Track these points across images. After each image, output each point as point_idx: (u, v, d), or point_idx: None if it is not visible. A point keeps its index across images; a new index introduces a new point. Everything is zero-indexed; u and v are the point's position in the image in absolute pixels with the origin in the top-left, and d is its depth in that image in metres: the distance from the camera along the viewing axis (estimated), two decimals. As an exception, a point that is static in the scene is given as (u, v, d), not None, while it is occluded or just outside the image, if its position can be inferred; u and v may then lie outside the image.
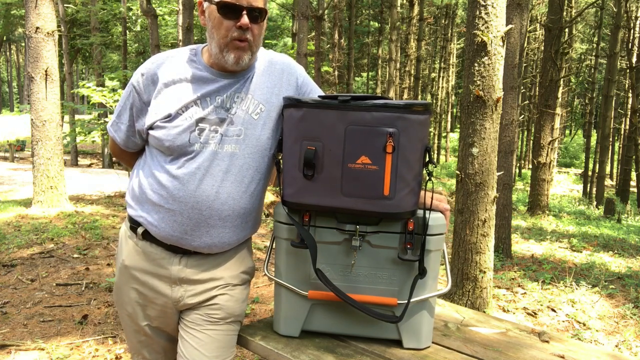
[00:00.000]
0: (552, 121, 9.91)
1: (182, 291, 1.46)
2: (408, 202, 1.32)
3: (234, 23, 1.35)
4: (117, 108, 1.54)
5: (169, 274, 1.45)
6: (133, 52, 22.38)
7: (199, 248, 1.42)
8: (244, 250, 1.56)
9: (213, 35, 1.39)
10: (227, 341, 1.49)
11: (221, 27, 1.36)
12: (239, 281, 1.53)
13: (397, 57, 17.86)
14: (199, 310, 1.47)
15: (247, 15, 1.34)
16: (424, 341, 1.46)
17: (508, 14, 4.70)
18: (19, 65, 55.98)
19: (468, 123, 3.68)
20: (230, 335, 1.50)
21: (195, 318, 1.47)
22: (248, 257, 1.58)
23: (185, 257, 1.45)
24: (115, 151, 1.62)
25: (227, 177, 1.40)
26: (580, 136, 41.50)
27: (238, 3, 1.33)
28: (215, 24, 1.37)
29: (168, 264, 1.45)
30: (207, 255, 1.46)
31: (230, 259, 1.51)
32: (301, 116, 1.33)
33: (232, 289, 1.50)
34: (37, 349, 3.00)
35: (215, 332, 1.47)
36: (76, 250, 5.00)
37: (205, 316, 1.47)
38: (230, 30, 1.36)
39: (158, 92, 1.42)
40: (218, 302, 1.47)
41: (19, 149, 19.74)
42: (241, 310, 1.53)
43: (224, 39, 1.37)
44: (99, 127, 9.98)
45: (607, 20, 21.61)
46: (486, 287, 3.79)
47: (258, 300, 3.88)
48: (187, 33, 8.22)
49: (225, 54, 1.38)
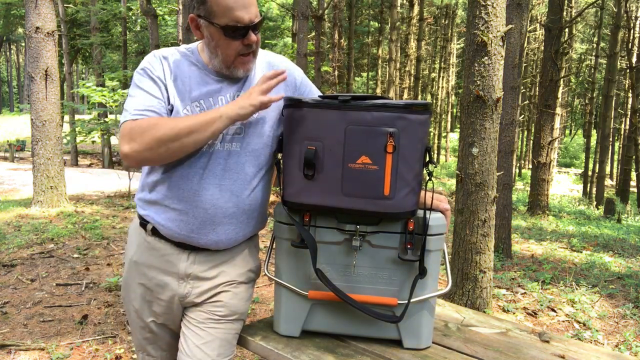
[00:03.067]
0: (552, 121, 9.91)
1: (189, 287, 1.47)
2: (408, 202, 1.32)
3: (241, 41, 1.36)
4: (136, 101, 1.38)
5: (177, 270, 1.46)
6: (133, 52, 22.38)
7: (206, 245, 1.44)
8: (251, 248, 1.57)
9: (217, 53, 1.38)
10: (229, 339, 1.50)
11: (229, 47, 1.36)
12: (244, 279, 1.53)
13: (397, 57, 17.87)
14: (203, 307, 1.48)
15: (252, 31, 1.36)
16: (424, 341, 1.46)
17: (508, 14, 4.69)
18: (19, 65, 55.99)
19: (468, 123, 3.68)
20: (232, 334, 1.50)
21: (198, 315, 1.47)
22: (254, 256, 1.59)
23: (193, 254, 1.46)
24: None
25: (229, 174, 1.41)
26: (580, 136, 41.52)
27: (243, 25, 1.34)
28: (220, 44, 1.36)
29: (177, 260, 1.46)
30: (215, 252, 1.47)
31: (238, 255, 1.52)
32: (301, 116, 1.34)
33: (236, 287, 1.51)
34: (37, 349, 3.00)
35: (217, 330, 1.47)
36: (76, 250, 5.00)
37: (208, 313, 1.47)
38: (237, 49, 1.37)
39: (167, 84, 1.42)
40: (222, 300, 1.48)
41: (19, 149, 19.75)
42: (244, 308, 1.54)
43: (231, 57, 1.38)
44: (99, 127, 9.96)
45: (607, 20, 21.60)
46: (486, 287, 3.79)
47: (258, 300, 3.88)
48: (187, 33, 8.22)
49: (232, 69, 1.40)
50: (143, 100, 1.36)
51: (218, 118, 1.32)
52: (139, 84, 1.40)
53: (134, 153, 1.30)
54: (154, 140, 1.28)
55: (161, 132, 1.28)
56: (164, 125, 1.30)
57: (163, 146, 1.29)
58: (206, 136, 1.32)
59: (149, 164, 1.38)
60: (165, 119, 1.35)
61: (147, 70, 1.40)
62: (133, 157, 1.31)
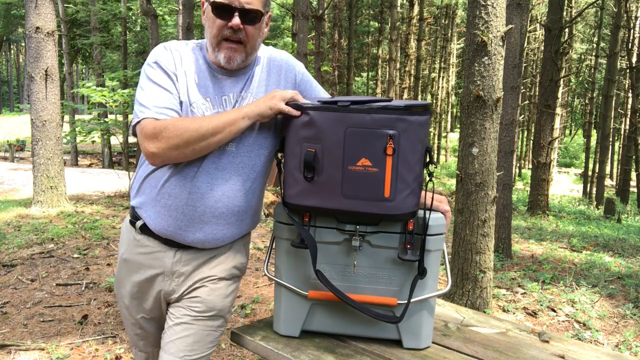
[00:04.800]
0: (552, 121, 9.91)
1: (174, 285, 1.48)
2: (409, 203, 1.32)
3: (226, 23, 1.36)
4: (154, 97, 1.37)
5: (164, 267, 1.47)
6: (133, 52, 22.39)
7: (192, 243, 1.44)
8: (239, 246, 1.56)
9: (207, 34, 1.41)
10: (204, 337, 1.47)
11: (214, 25, 1.38)
12: (225, 275, 1.52)
13: (397, 57, 17.86)
14: (181, 303, 1.49)
15: (240, 17, 1.36)
16: (424, 341, 1.46)
17: (508, 14, 4.70)
18: (19, 65, 55.99)
19: (468, 123, 3.68)
20: (207, 332, 1.48)
21: (177, 310, 1.48)
22: (242, 253, 1.58)
23: (180, 251, 1.47)
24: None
25: (222, 174, 1.41)
26: (580, 136, 41.49)
27: (231, 4, 1.35)
28: (209, 23, 1.39)
29: (163, 257, 1.47)
30: (201, 250, 1.48)
31: (224, 253, 1.52)
32: (303, 120, 1.33)
33: (216, 283, 1.50)
34: (37, 349, 3.00)
35: (193, 327, 1.46)
36: (76, 250, 5.00)
37: (186, 309, 1.47)
38: (221, 30, 1.37)
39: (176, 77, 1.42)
40: (199, 295, 1.48)
41: (19, 149, 19.75)
42: (223, 305, 1.51)
43: (215, 37, 1.38)
44: (99, 127, 9.96)
45: (607, 20, 21.62)
46: (486, 287, 3.79)
47: (258, 300, 3.88)
48: (187, 33, 8.22)
49: (217, 52, 1.40)
50: (161, 96, 1.37)
51: (241, 118, 1.35)
52: (151, 77, 1.39)
53: (161, 152, 1.33)
54: (182, 141, 1.32)
55: (188, 134, 1.32)
56: (189, 126, 1.33)
57: (189, 147, 1.33)
58: (230, 136, 1.36)
59: (173, 162, 1.39)
60: (189, 119, 1.37)
61: (160, 63, 1.40)
62: (159, 156, 1.34)
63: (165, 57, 1.41)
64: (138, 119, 1.36)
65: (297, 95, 1.38)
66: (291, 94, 1.37)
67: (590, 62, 29.11)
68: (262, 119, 1.38)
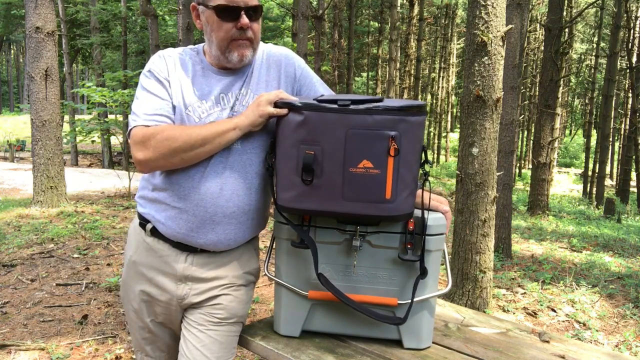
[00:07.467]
0: (552, 121, 9.91)
1: (187, 289, 1.46)
2: (408, 203, 1.32)
3: (234, 24, 1.36)
4: (144, 105, 1.39)
5: (175, 271, 1.46)
6: (133, 52, 22.38)
7: (205, 245, 1.43)
8: (250, 251, 1.56)
9: (212, 39, 1.40)
10: (229, 342, 1.50)
11: (221, 29, 1.37)
12: (243, 282, 1.53)
13: (397, 57, 17.84)
14: (202, 310, 1.48)
15: (245, 15, 1.36)
16: (424, 341, 1.46)
17: (508, 14, 4.69)
18: (19, 65, 55.98)
19: (468, 123, 3.68)
20: (231, 336, 1.50)
21: (199, 317, 1.47)
22: (254, 258, 1.58)
23: (191, 255, 1.46)
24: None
25: (231, 173, 1.40)
26: (580, 136, 41.49)
27: (236, 4, 1.35)
28: (214, 27, 1.38)
29: (174, 261, 1.46)
30: (213, 254, 1.47)
31: (236, 259, 1.51)
32: (299, 120, 1.29)
33: (236, 290, 1.50)
34: (37, 349, 3.00)
35: (217, 333, 1.47)
36: (76, 250, 5.00)
37: (208, 316, 1.47)
38: (230, 32, 1.37)
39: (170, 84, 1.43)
40: (222, 302, 1.48)
41: (19, 149, 19.77)
42: (244, 311, 1.53)
43: (224, 40, 1.38)
44: (99, 127, 9.96)
45: (607, 20, 21.60)
46: (486, 287, 3.80)
47: (258, 300, 3.88)
48: (187, 33, 8.22)
49: (227, 54, 1.40)
50: (152, 104, 1.39)
51: (232, 130, 1.35)
52: (145, 86, 1.42)
53: (149, 161, 1.34)
54: (169, 150, 1.32)
55: (177, 143, 1.32)
56: (178, 136, 1.33)
57: (177, 156, 1.34)
58: (219, 147, 1.36)
59: (162, 169, 1.40)
60: (179, 127, 1.37)
61: (153, 71, 1.42)
62: (147, 164, 1.36)
63: (158, 65, 1.43)
64: (130, 127, 1.39)
65: (282, 94, 1.36)
66: (275, 94, 1.36)
67: (590, 62, 29.12)
68: (254, 128, 1.38)
